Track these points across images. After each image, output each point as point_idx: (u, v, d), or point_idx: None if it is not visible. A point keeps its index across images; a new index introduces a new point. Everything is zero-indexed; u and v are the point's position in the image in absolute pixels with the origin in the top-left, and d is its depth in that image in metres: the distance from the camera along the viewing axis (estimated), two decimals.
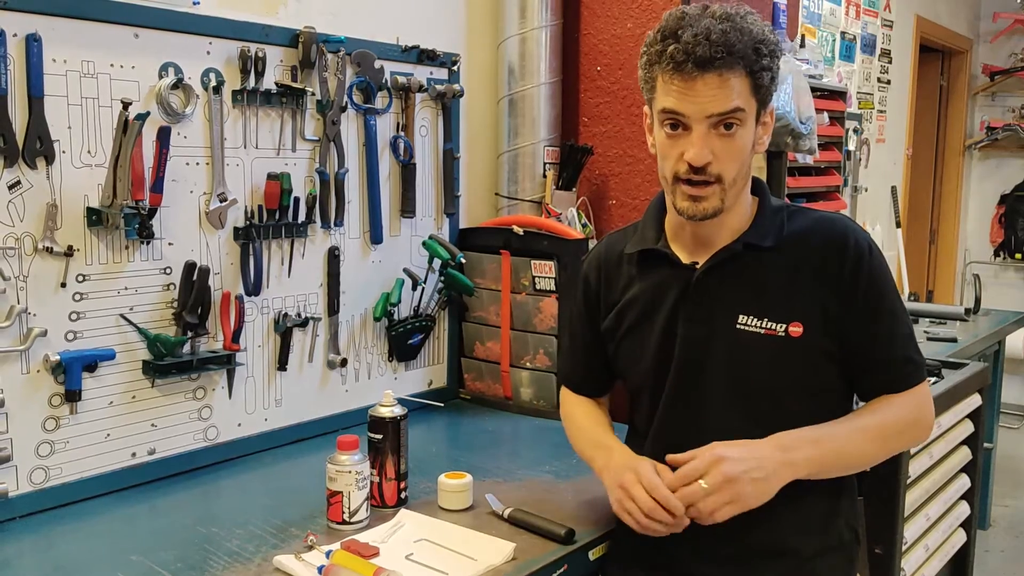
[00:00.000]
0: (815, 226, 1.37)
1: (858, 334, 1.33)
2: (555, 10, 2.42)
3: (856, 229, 1.37)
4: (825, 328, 1.32)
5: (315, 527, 1.53)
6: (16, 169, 1.54)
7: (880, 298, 1.33)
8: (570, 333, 1.66)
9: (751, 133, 1.30)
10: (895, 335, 1.35)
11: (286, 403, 2.00)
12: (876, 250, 1.36)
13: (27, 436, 1.59)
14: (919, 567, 2.30)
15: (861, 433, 1.34)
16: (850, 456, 1.35)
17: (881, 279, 1.34)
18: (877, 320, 1.33)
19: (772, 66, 1.27)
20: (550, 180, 2.42)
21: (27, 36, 1.53)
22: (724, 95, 1.25)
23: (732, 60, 1.24)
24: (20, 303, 1.56)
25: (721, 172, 1.30)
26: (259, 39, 1.85)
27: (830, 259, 1.33)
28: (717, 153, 1.28)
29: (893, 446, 1.40)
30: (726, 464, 1.26)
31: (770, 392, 1.34)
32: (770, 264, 1.35)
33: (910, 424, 1.38)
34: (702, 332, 1.36)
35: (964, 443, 2.53)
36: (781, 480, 1.28)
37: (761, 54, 1.25)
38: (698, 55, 1.24)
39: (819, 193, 2.92)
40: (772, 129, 1.35)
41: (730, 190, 1.31)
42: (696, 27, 1.25)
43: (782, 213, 1.39)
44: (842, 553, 1.41)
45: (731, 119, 1.27)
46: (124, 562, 1.42)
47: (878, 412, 1.36)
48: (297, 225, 1.95)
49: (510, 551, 1.44)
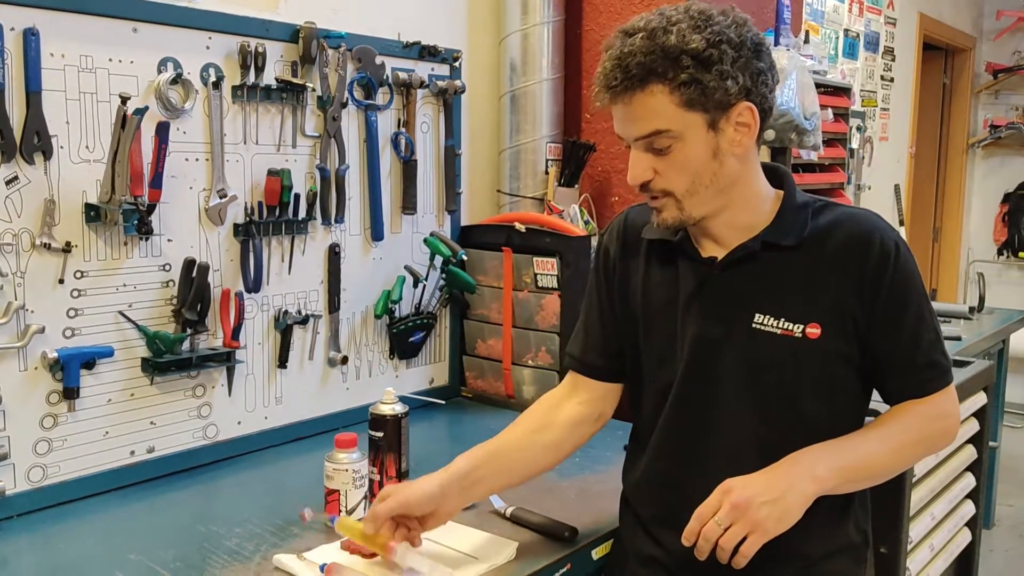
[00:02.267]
0: (840, 223, 1.32)
1: (880, 338, 1.29)
2: (557, 6, 2.41)
3: (884, 227, 1.32)
4: (844, 330, 1.29)
5: (314, 525, 1.52)
6: (14, 164, 1.53)
7: (905, 301, 1.29)
8: (585, 306, 1.54)
9: (699, 145, 1.25)
10: (920, 340, 1.30)
11: (286, 401, 1.99)
12: (904, 249, 1.31)
13: (25, 434, 1.58)
14: (924, 567, 2.28)
15: (885, 441, 1.31)
16: (876, 465, 1.31)
17: (907, 281, 1.29)
18: (901, 324, 1.29)
19: (703, 75, 1.20)
20: (552, 177, 2.41)
21: (25, 30, 1.51)
22: (640, 118, 1.24)
23: (641, 83, 1.22)
24: (18, 299, 1.55)
25: (666, 187, 1.28)
26: (259, 34, 1.84)
27: (853, 258, 1.28)
28: (659, 169, 1.27)
29: (919, 452, 1.38)
30: (733, 494, 1.22)
31: (784, 393, 1.31)
32: (790, 262, 1.31)
33: (935, 429, 1.35)
34: (717, 329, 1.33)
35: (969, 442, 2.52)
36: (803, 495, 1.23)
37: (683, 66, 1.20)
38: (609, 84, 1.24)
39: (823, 190, 2.91)
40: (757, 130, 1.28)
41: (688, 200, 1.28)
42: (615, 50, 1.24)
43: (807, 209, 1.34)
44: (850, 555, 1.39)
45: (655, 141, 1.25)
46: (123, 561, 1.41)
47: (901, 419, 1.32)
48: (297, 222, 1.94)
49: (513, 550, 1.43)
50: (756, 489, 1.22)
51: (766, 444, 1.29)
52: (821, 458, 1.26)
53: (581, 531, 1.50)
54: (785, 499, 1.22)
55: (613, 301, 1.47)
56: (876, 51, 4.81)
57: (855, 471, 1.29)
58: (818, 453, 1.27)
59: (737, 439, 1.32)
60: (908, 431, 1.32)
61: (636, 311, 1.42)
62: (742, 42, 1.23)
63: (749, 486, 1.22)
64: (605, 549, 1.52)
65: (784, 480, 1.24)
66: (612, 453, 1.91)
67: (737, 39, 1.22)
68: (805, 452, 1.27)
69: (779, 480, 1.24)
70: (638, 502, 1.46)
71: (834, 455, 1.27)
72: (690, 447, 1.35)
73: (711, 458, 1.33)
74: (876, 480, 1.35)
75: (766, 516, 1.20)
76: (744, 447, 1.31)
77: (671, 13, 1.23)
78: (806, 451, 1.27)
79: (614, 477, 1.54)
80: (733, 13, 1.25)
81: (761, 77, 1.26)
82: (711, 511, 1.22)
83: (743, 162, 1.30)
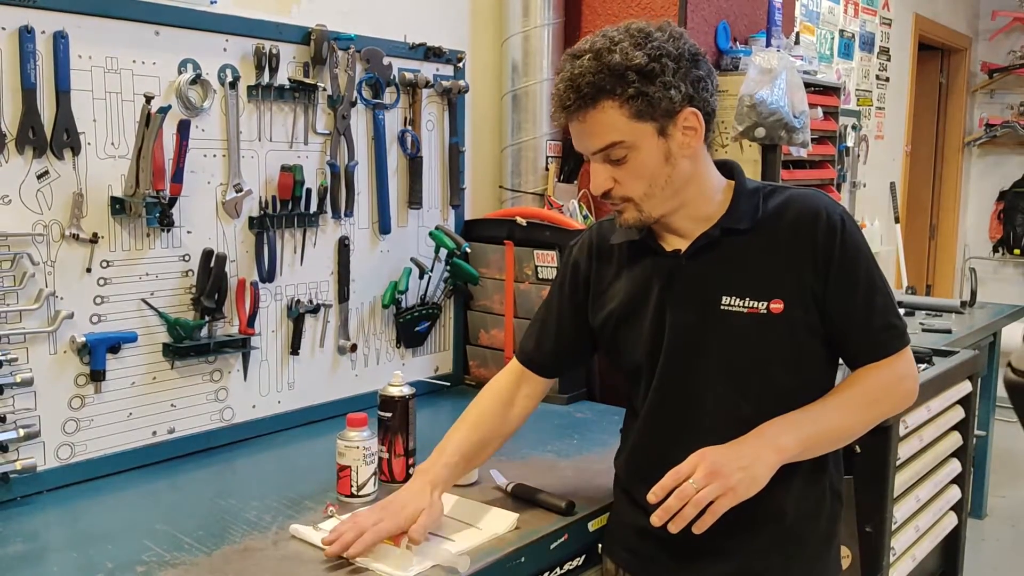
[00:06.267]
0: (789, 203, 1.41)
1: (836, 305, 1.38)
2: (557, 8, 2.49)
3: (829, 203, 1.41)
4: (805, 302, 1.37)
5: (328, 500, 1.61)
6: (45, 160, 1.62)
7: (855, 269, 1.38)
8: (543, 309, 1.64)
9: (652, 152, 1.35)
10: (873, 304, 1.39)
11: (298, 386, 2.08)
12: (849, 222, 1.40)
13: (54, 414, 1.67)
14: (909, 547, 2.36)
15: (843, 406, 1.40)
16: (837, 429, 1.41)
17: (854, 250, 1.38)
18: (853, 290, 1.38)
19: (648, 88, 1.30)
20: (552, 173, 2.49)
21: (55, 33, 1.60)
22: (595, 133, 1.34)
23: (591, 100, 1.31)
24: (48, 287, 1.64)
25: (625, 193, 1.38)
26: (273, 36, 1.93)
27: (803, 234, 1.38)
28: (618, 178, 1.37)
29: (878, 412, 1.45)
30: (708, 459, 1.32)
31: (757, 367, 1.40)
32: (748, 244, 1.40)
33: (892, 387, 1.43)
34: (690, 316, 1.42)
35: (955, 428, 2.60)
36: (768, 464, 1.33)
37: (629, 81, 1.29)
38: (564, 104, 1.34)
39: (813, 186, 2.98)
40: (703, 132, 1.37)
41: (647, 202, 1.38)
42: (566, 72, 1.33)
43: (758, 194, 1.44)
44: (826, 515, 1.48)
45: (611, 152, 1.35)
46: (149, 530, 1.50)
47: (859, 382, 1.41)
48: (309, 215, 2.03)
49: (514, 521, 1.51)
50: (728, 457, 1.32)
51: (744, 417, 1.38)
52: (784, 430, 1.36)
53: (578, 505, 1.58)
54: (753, 467, 1.32)
55: (576, 308, 1.57)
56: (871, 51, 4.89)
57: (817, 438, 1.39)
58: (781, 425, 1.37)
59: (717, 415, 1.40)
60: (867, 393, 1.41)
61: (615, 311, 1.51)
62: (680, 54, 1.33)
63: (723, 453, 1.33)
64: (601, 522, 1.61)
65: (751, 450, 1.34)
66: (608, 436, 1.99)
67: (676, 51, 1.32)
68: (769, 424, 1.37)
69: (747, 449, 1.34)
70: (630, 479, 1.54)
71: (796, 426, 1.37)
72: (675, 426, 1.44)
73: (695, 435, 1.40)
74: (840, 443, 1.45)
75: (738, 481, 1.31)
76: (724, 422, 1.39)
77: (613, 34, 1.34)
78: (771, 423, 1.37)
79: (609, 458, 1.61)
80: (670, 28, 1.35)
81: (701, 83, 1.35)
82: (687, 473, 1.32)
83: (694, 161, 1.39)
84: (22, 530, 1.52)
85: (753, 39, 2.65)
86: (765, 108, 2.32)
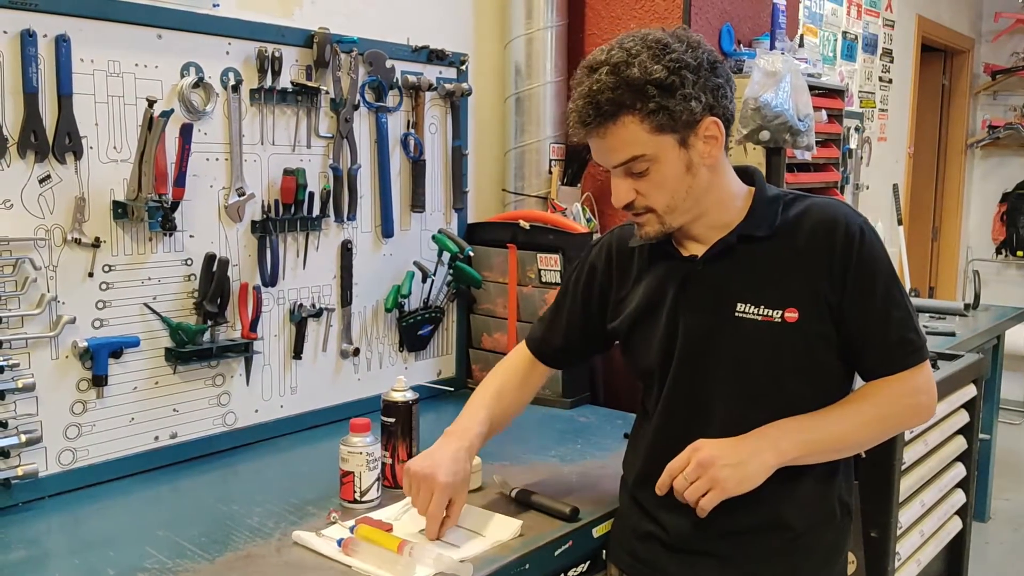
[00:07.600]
0: (809, 211, 1.40)
1: (851, 317, 1.36)
2: (560, 11, 2.48)
3: (849, 213, 1.40)
4: (820, 312, 1.36)
5: (331, 506, 1.60)
6: (47, 164, 1.61)
7: (873, 281, 1.35)
8: (556, 302, 1.66)
9: (673, 163, 1.34)
10: (890, 317, 1.36)
11: (301, 390, 2.07)
12: (869, 232, 1.38)
13: (56, 419, 1.67)
14: (915, 551, 2.35)
15: (850, 416, 1.38)
16: (840, 439, 1.39)
17: (872, 261, 1.36)
18: (870, 302, 1.36)
19: (668, 101, 1.29)
20: (555, 176, 2.48)
21: (57, 37, 1.60)
22: (616, 148, 1.34)
23: (611, 116, 1.31)
24: (50, 292, 1.64)
25: (648, 204, 1.38)
26: (276, 40, 1.93)
27: (821, 243, 1.36)
28: (640, 190, 1.37)
29: (887, 426, 1.44)
30: (700, 453, 1.33)
31: (769, 375, 1.38)
32: (765, 252, 1.39)
33: (906, 405, 1.41)
34: (704, 321, 1.41)
35: (960, 432, 2.59)
36: (764, 464, 1.33)
37: (649, 95, 1.28)
38: (584, 120, 1.33)
39: (817, 189, 2.98)
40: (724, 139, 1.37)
41: (669, 215, 1.38)
42: (584, 87, 1.33)
43: (778, 202, 1.42)
44: (834, 527, 1.46)
45: (632, 166, 1.34)
46: (151, 536, 1.50)
47: (870, 394, 1.39)
48: (312, 219, 2.03)
49: (518, 527, 1.51)
50: (722, 451, 1.33)
51: (754, 425, 1.37)
52: (787, 432, 1.36)
53: (582, 511, 1.58)
54: (747, 465, 1.32)
55: (586, 310, 1.59)
56: (874, 53, 4.88)
57: (819, 444, 1.37)
58: (785, 427, 1.36)
59: (729, 423, 1.39)
60: (878, 406, 1.39)
61: (633, 317, 1.50)
62: (699, 64, 1.32)
63: (716, 448, 1.34)
64: (605, 528, 1.60)
65: (749, 447, 1.34)
66: (611, 440, 1.99)
67: (694, 62, 1.31)
68: (773, 425, 1.36)
69: (745, 446, 1.34)
70: (638, 485, 1.53)
71: (800, 430, 1.36)
72: (686, 432, 1.42)
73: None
74: (843, 453, 1.44)
75: (726, 476, 1.31)
76: (735, 429, 1.38)
77: (630, 45, 1.32)
78: (775, 425, 1.36)
79: (613, 463, 1.61)
80: (687, 37, 1.34)
81: (720, 91, 1.35)
82: (680, 467, 1.34)
83: (714, 170, 1.39)
84: (23, 536, 1.51)
85: (757, 42, 2.64)
86: (770, 111, 2.32)
